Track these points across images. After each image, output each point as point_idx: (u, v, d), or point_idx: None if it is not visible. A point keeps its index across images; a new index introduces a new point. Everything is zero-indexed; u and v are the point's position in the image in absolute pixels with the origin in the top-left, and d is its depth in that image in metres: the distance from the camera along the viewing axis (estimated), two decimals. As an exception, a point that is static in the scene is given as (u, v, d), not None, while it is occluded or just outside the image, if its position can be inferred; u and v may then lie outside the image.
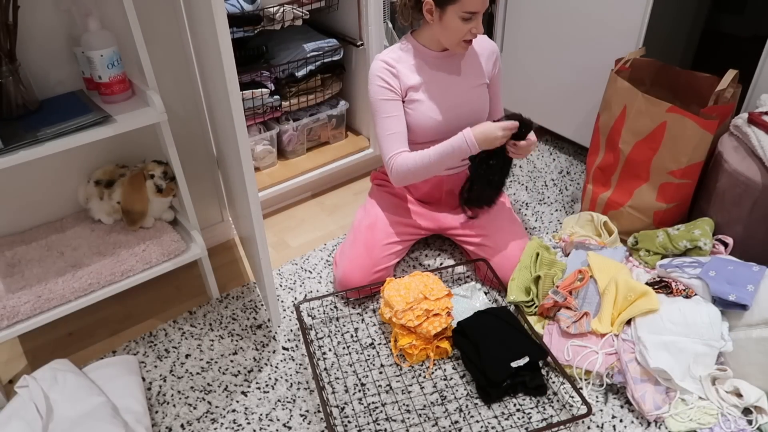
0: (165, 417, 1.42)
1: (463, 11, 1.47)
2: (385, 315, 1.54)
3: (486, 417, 1.38)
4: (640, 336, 1.40)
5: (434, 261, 1.88)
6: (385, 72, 1.59)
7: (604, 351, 1.43)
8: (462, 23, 1.49)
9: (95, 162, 1.60)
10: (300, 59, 2.08)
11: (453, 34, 1.53)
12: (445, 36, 1.55)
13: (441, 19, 1.52)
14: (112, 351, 1.59)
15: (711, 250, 1.62)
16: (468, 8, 1.47)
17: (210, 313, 1.71)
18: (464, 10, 1.47)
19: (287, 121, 2.20)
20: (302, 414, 1.42)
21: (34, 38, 1.37)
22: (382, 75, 1.59)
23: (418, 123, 1.63)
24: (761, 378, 1.36)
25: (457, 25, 1.50)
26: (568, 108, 2.24)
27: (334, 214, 2.15)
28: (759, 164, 1.54)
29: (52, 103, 1.38)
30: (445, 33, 1.54)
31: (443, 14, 1.50)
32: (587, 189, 1.98)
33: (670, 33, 2.10)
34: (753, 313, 1.38)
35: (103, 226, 1.60)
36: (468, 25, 1.50)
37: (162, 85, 1.56)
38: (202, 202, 1.87)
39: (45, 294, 1.40)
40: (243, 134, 1.23)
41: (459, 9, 1.47)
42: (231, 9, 1.85)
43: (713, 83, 1.66)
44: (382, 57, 1.61)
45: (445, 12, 1.49)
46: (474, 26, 1.51)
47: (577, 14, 2.04)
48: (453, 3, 1.46)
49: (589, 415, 1.31)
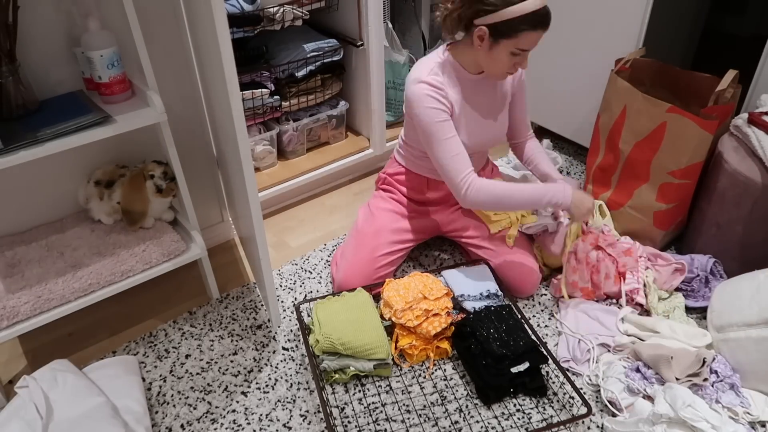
0: (165, 417, 1.42)
1: (517, 48, 1.41)
2: (384, 315, 1.54)
3: (486, 417, 1.38)
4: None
5: (434, 261, 1.88)
6: (434, 92, 1.50)
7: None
8: (510, 57, 1.43)
9: (95, 162, 1.60)
10: (300, 59, 2.08)
11: (499, 66, 1.47)
12: (489, 65, 1.48)
13: (490, 49, 1.43)
14: (112, 351, 1.59)
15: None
16: (523, 46, 1.41)
17: (210, 314, 1.71)
18: (518, 47, 1.41)
19: (287, 122, 2.20)
20: (302, 414, 1.42)
21: (34, 38, 1.37)
22: (432, 95, 1.49)
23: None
24: (761, 378, 1.36)
25: (506, 59, 1.44)
26: (568, 108, 2.24)
27: (334, 214, 2.15)
28: (759, 164, 1.54)
29: (52, 103, 1.38)
30: (490, 63, 1.47)
31: (495, 46, 1.42)
32: (587, 189, 1.98)
33: (670, 33, 2.10)
34: (753, 313, 1.38)
35: (103, 227, 1.60)
36: (515, 60, 1.44)
37: (162, 85, 1.56)
38: (202, 202, 1.87)
39: (45, 294, 1.40)
40: (243, 134, 1.23)
41: (513, 45, 1.40)
42: (231, 9, 1.85)
43: (713, 83, 1.66)
44: (425, 79, 1.50)
45: (498, 44, 1.41)
46: (519, 62, 1.46)
47: (577, 14, 2.04)
48: (509, 38, 1.39)
49: (589, 415, 1.31)
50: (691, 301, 1.64)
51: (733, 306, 1.44)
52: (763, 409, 1.34)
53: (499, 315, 1.49)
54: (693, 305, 1.64)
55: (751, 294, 1.41)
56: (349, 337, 1.42)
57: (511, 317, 1.49)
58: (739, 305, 1.42)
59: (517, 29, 1.37)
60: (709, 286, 1.65)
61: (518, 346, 1.39)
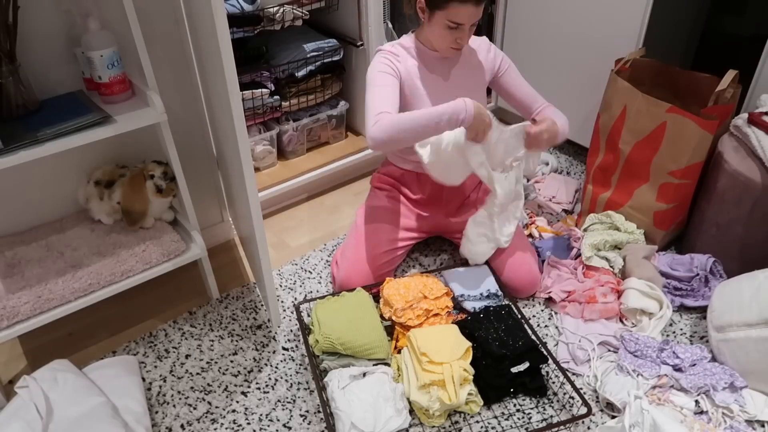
0: (165, 417, 1.42)
1: (449, 20, 1.46)
2: (384, 314, 1.54)
3: (486, 417, 1.38)
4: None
5: (434, 261, 1.88)
6: (386, 56, 1.58)
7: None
8: (447, 31, 1.49)
9: (95, 162, 1.60)
10: (300, 59, 2.08)
11: (439, 39, 1.53)
12: (432, 39, 1.56)
13: (429, 21, 1.52)
14: (112, 351, 1.59)
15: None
16: (453, 18, 1.46)
17: (210, 314, 1.71)
18: (449, 19, 1.46)
19: (287, 122, 2.20)
20: (302, 414, 1.42)
21: (34, 38, 1.37)
22: (383, 59, 1.58)
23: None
24: (761, 378, 1.36)
25: (443, 32, 1.50)
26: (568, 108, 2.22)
27: (334, 214, 2.15)
28: (759, 164, 1.54)
29: (52, 103, 1.38)
30: (432, 36, 1.55)
31: (431, 17, 1.50)
32: (587, 189, 1.98)
33: (670, 33, 2.10)
34: (753, 313, 1.38)
35: (103, 227, 1.60)
36: (453, 34, 1.50)
37: (162, 85, 1.56)
38: (202, 202, 1.87)
39: (45, 294, 1.40)
40: (243, 134, 1.23)
41: (445, 17, 1.46)
42: (231, 9, 1.85)
43: (713, 83, 1.66)
44: (382, 48, 1.61)
45: (433, 15, 1.49)
46: (459, 36, 1.50)
47: (577, 14, 2.04)
48: (440, 9, 1.46)
49: (589, 415, 1.31)
50: (691, 300, 1.64)
51: (733, 306, 1.44)
52: (762, 409, 1.34)
53: (499, 315, 1.49)
54: (693, 305, 1.64)
55: (751, 294, 1.41)
56: (349, 337, 1.42)
57: (510, 317, 1.49)
58: (739, 305, 1.42)
59: (445, 0, 1.44)
60: (708, 286, 1.65)
61: (518, 346, 1.39)
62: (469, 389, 1.35)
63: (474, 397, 1.37)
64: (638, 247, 1.75)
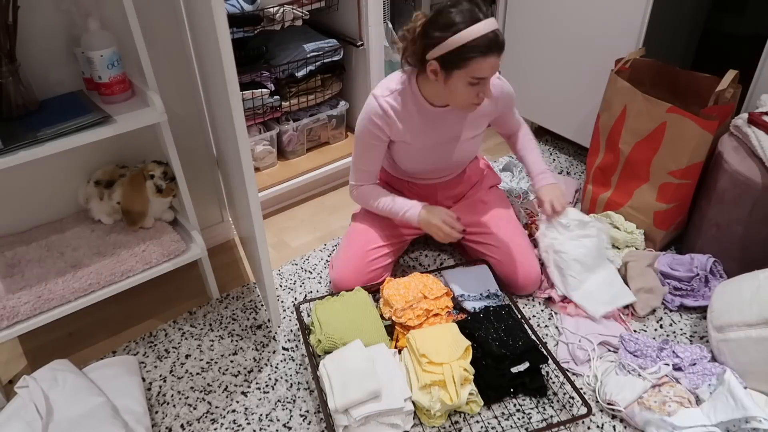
0: (165, 417, 1.42)
1: (471, 77, 1.36)
2: (384, 314, 1.54)
3: (486, 417, 1.38)
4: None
5: (434, 261, 1.88)
6: (380, 117, 1.51)
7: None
8: (469, 88, 1.38)
9: (95, 162, 1.60)
10: (300, 59, 2.08)
11: (459, 98, 1.43)
12: (451, 98, 1.45)
13: (446, 83, 1.40)
14: (112, 351, 1.59)
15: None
16: (477, 74, 1.35)
17: (210, 314, 1.71)
18: (472, 76, 1.36)
19: (287, 122, 2.20)
20: (302, 414, 1.42)
21: (34, 38, 1.37)
22: (375, 119, 1.51)
23: (400, 161, 1.66)
24: (761, 378, 1.36)
25: (464, 89, 1.39)
26: (568, 108, 2.24)
27: (334, 214, 2.15)
28: (759, 164, 1.54)
29: (52, 103, 1.38)
30: (450, 96, 1.44)
31: (449, 78, 1.38)
32: (587, 189, 1.98)
33: (670, 33, 2.10)
34: (753, 313, 1.38)
35: (103, 227, 1.60)
36: (475, 89, 1.39)
37: (162, 85, 1.56)
38: (202, 203, 1.87)
39: (45, 294, 1.40)
40: (243, 134, 1.23)
41: (467, 75, 1.35)
42: (231, 9, 1.85)
43: (713, 83, 1.66)
44: (380, 100, 1.50)
45: (451, 75, 1.37)
46: (482, 90, 1.41)
47: (577, 14, 2.04)
48: (460, 68, 1.35)
49: (589, 416, 1.31)
50: (691, 300, 1.64)
51: (733, 306, 1.44)
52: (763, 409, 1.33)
53: (499, 315, 1.49)
54: (693, 305, 1.64)
55: (751, 294, 1.41)
56: (351, 337, 1.42)
57: (510, 317, 1.49)
58: (739, 305, 1.42)
59: (465, 58, 1.33)
60: (709, 285, 1.65)
61: (518, 346, 1.39)
62: (470, 389, 1.35)
63: (474, 397, 1.37)
64: (642, 254, 1.75)
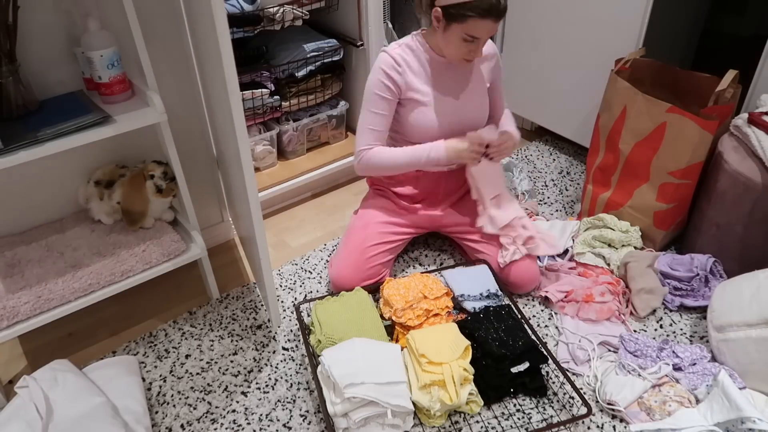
0: (165, 417, 1.42)
1: (466, 33, 1.46)
2: (384, 314, 1.54)
3: (486, 417, 1.38)
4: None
5: (434, 261, 1.88)
6: (390, 68, 1.57)
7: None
8: (463, 43, 1.49)
9: (95, 162, 1.60)
10: (300, 59, 2.08)
11: (452, 50, 1.53)
12: (444, 48, 1.55)
13: (444, 32, 1.50)
14: (112, 351, 1.59)
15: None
16: (471, 32, 1.46)
17: (210, 314, 1.71)
18: (467, 33, 1.46)
19: (287, 122, 2.20)
20: (302, 414, 1.42)
21: (34, 38, 1.37)
22: (386, 69, 1.57)
23: (416, 125, 1.63)
24: (761, 378, 1.36)
25: (458, 43, 1.49)
26: (568, 108, 2.24)
27: (334, 214, 2.15)
28: (759, 164, 1.54)
29: (52, 103, 1.38)
30: (445, 46, 1.54)
31: (447, 28, 1.49)
32: (587, 189, 1.98)
33: (670, 33, 2.10)
34: (753, 313, 1.38)
35: (103, 227, 1.60)
36: (468, 47, 1.50)
37: (162, 85, 1.56)
38: (202, 202, 1.87)
39: (45, 294, 1.40)
40: (243, 134, 1.23)
41: (463, 30, 1.46)
42: (231, 9, 1.85)
43: (713, 83, 1.66)
44: (391, 51, 1.59)
45: (449, 26, 1.48)
46: (473, 49, 1.51)
47: (577, 14, 2.04)
48: (459, 22, 1.45)
49: (589, 416, 1.31)
50: (691, 300, 1.64)
51: (732, 306, 1.44)
52: (763, 409, 1.34)
53: (498, 315, 1.49)
54: (693, 305, 1.64)
55: (751, 294, 1.41)
56: (351, 337, 1.42)
57: (510, 317, 1.49)
58: (739, 305, 1.42)
59: (465, 15, 1.43)
60: (708, 285, 1.65)
61: (518, 346, 1.39)
62: (469, 389, 1.35)
63: (474, 397, 1.37)
64: (642, 254, 1.74)
